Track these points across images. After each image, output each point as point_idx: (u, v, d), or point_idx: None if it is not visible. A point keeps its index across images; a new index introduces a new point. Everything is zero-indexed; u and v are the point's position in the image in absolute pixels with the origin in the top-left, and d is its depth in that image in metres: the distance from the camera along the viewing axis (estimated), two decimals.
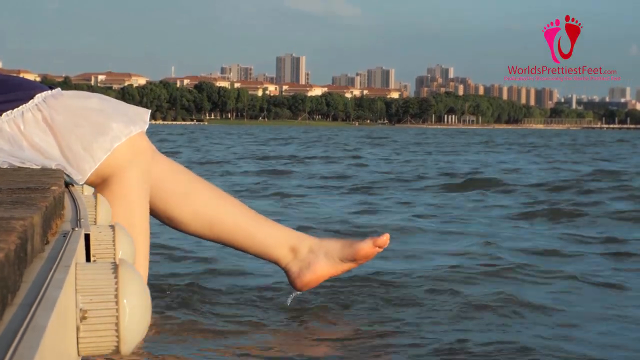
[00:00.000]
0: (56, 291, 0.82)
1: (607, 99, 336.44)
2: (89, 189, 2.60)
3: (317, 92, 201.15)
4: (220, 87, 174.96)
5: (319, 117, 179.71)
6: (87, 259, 1.34)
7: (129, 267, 1.08)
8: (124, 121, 2.34)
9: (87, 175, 2.30)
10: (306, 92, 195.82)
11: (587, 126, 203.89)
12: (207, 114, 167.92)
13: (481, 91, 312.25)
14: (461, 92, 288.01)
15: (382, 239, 2.59)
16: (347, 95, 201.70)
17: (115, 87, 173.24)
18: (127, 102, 2.55)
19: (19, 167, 2.22)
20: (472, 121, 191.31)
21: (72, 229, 1.31)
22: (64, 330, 0.86)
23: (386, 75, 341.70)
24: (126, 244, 1.47)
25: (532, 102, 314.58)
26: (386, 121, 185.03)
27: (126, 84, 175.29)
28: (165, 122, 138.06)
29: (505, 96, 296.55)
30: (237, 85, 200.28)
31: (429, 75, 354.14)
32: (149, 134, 2.47)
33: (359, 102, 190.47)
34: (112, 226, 1.49)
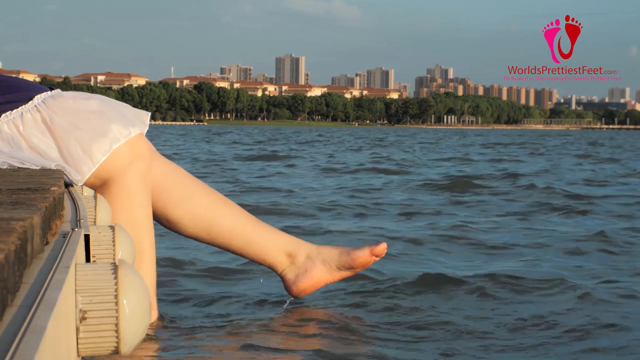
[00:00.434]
0: (56, 292, 0.82)
1: (607, 100, 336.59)
2: (88, 189, 2.60)
3: (316, 92, 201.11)
4: (219, 87, 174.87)
5: (319, 117, 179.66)
6: (87, 260, 1.34)
7: (129, 267, 1.08)
8: (123, 123, 2.34)
9: (86, 176, 2.30)
10: (306, 93, 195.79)
11: (587, 127, 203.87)
12: (206, 115, 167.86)
13: (481, 92, 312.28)
14: (461, 92, 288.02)
15: (379, 248, 2.57)
16: (347, 95, 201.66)
17: (114, 87, 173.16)
18: (127, 102, 2.55)
19: (18, 167, 2.22)
20: (472, 122, 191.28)
21: (72, 229, 1.31)
22: (63, 331, 0.86)
23: (386, 75, 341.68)
24: (126, 244, 1.47)
25: (531, 102, 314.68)
26: (385, 122, 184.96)
27: (126, 84, 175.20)
28: (164, 123, 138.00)
29: (504, 97, 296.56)
30: (236, 85, 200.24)
31: (429, 75, 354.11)
32: (150, 135, 2.48)
33: (358, 102, 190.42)
34: (111, 227, 1.49)
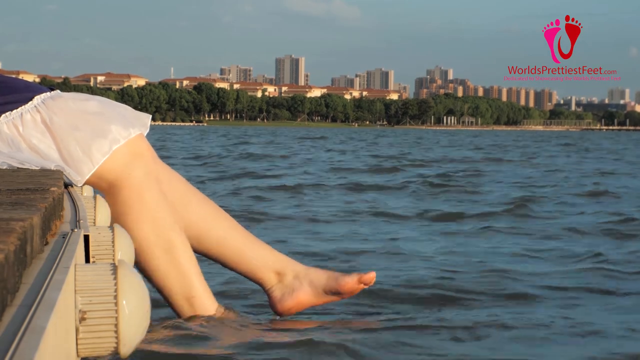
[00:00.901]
0: (55, 292, 0.83)
1: (607, 101, 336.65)
2: (88, 190, 2.60)
3: (316, 93, 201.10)
4: (219, 88, 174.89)
5: (318, 118, 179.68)
6: (87, 260, 1.34)
7: (129, 268, 1.08)
8: (122, 124, 2.34)
9: (86, 177, 2.30)
10: (305, 94, 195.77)
11: (587, 128, 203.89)
12: (206, 115, 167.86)
13: (480, 92, 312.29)
14: (460, 93, 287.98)
15: (368, 276, 2.56)
16: (347, 96, 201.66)
17: (114, 88, 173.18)
18: (126, 103, 2.56)
19: (18, 168, 2.23)
20: (472, 123, 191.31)
21: (72, 230, 1.31)
22: (63, 331, 0.86)
23: (385, 76, 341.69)
24: (125, 245, 1.47)
25: (531, 103, 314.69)
26: (385, 122, 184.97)
27: (125, 85, 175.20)
28: (164, 123, 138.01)
29: (504, 98, 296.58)
30: (236, 86, 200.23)
31: (428, 76, 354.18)
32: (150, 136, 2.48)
33: (358, 103, 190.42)
34: (111, 227, 1.49)
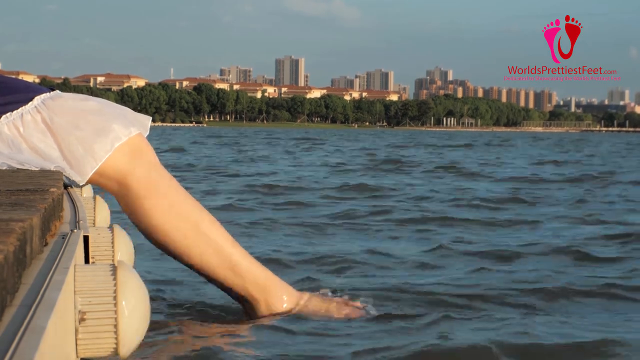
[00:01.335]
0: (55, 293, 0.83)
1: (606, 102, 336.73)
2: (88, 191, 2.60)
3: (316, 94, 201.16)
4: (219, 89, 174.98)
5: (318, 119, 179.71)
6: (86, 261, 1.35)
7: (128, 269, 1.08)
8: (123, 123, 2.35)
9: (88, 176, 2.31)
10: (305, 94, 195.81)
11: (586, 129, 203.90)
12: (205, 116, 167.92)
13: (480, 94, 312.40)
14: (460, 94, 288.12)
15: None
16: (346, 97, 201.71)
17: (114, 88, 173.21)
18: (126, 103, 2.57)
19: (17, 168, 2.23)
20: (471, 124, 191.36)
21: (71, 230, 1.31)
22: (63, 331, 0.86)
23: (385, 77, 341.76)
24: (125, 246, 1.47)
25: (530, 104, 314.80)
26: (385, 123, 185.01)
27: (125, 85, 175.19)
28: (164, 124, 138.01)
29: (504, 99, 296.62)
30: (236, 87, 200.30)
31: (428, 77, 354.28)
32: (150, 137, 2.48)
33: (357, 104, 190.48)
34: (110, 228, 1.49)
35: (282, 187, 8.23)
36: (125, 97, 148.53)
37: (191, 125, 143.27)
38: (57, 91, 2.38)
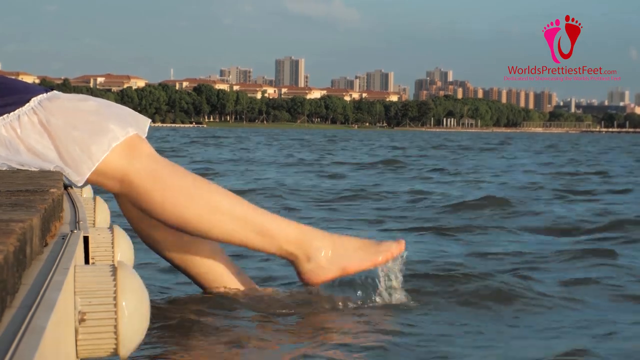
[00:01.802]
0: (55, 293, 0.83)
1: (606, 103, 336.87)
2: (88, 191, 2.60)
3: (316, 95, 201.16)
4: (219, 89, 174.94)
5: (318, 120, 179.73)
6: (86, 262, 1.35)
7: (128, 269, 1.08)
8: (120, 123, 2.35)
9: (86, 176, 2.31)
10: (305, 95, 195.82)
11: (586, 130, 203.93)
12: (205, 117, 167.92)
13: (480, 94, 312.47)
14: (460, 95, 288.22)
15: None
16: (346, 98, 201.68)
17: (114, 89, 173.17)
18: (126, 104, 2.57)
19: (17, 169, 2.23)
20: (471, 124, 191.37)
21: (71, 231, 1.31)
22: (63, 332, 0.86)
23: (385, 78, 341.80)
24: (125, 246, 1.47)
25: (530, 105, 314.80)
26: (385, 124, 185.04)
27: (125, 86, 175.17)
28: (164, 125, 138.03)
29: (504, 99, 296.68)
30: (236, 87, 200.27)
31: (428, 78, 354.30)
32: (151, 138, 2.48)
33: (357, 105, 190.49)
34: (110, 228, 1.49)
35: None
36: (125, 98, 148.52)
37: (191, 126, 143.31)
38: (55, 92, 2.39)
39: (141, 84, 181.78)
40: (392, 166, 13.54)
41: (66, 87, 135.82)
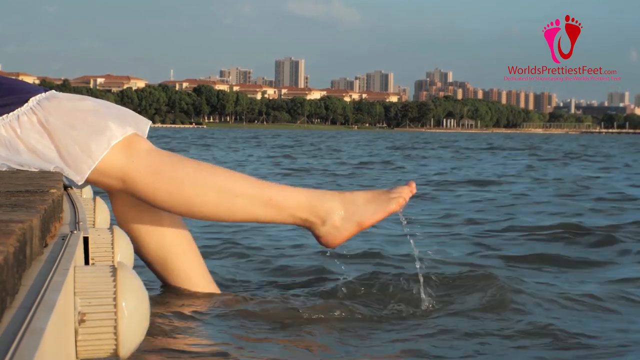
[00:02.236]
0: (55, 294, 0.83)
1: (606, 104, 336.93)
2: (88, 192, 2.60)
3: (316, 95, 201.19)
4: (219, 90, 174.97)
5: (318, 120, 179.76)
6: (86, 262, 1.34)
7: (128, 270, 1.08)
8: (119, 122, 2.36)
9: (86, 175, 2.31)
10: (305, 96, 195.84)
11: (586, 131, 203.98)
12: (205, 117, 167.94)
13: (480, 95, 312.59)
14: (460, 96, 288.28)
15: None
16: (346, 99, 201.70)
17: (114, 90, 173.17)
18: (126, 105, 2.58)
19: (17, 169, 2.23)
20: (471, 125, 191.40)
21: (71, 232, 1.31)
22: (62, 333, 0.86)
23: (385, 79, 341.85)
24: (125, 246, 1.47)
25: (530, 106, 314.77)
26: (385, 125, 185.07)
27: (125, 87, 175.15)
28: (164, 125, 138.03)
29: (504, 100, 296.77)
30: (236, 88, 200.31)
31: (428, 79, 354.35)
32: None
33: (357, 105, 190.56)
34: (110, 229, 1.49)
35: None
36: (125, 99, 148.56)
37: (191, 126, 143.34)
38: (53, 91, 2.39)
39: (141, 84, 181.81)
40: None
41: (66, 87, 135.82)
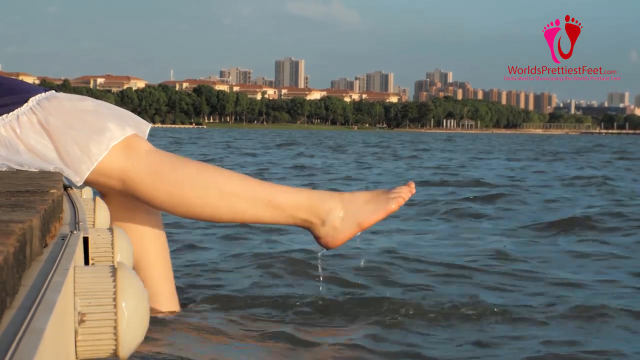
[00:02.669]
0: (55, 294, 0.83)
1: (606, 104, 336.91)
2: (88, 192, 2.60)
3: (316, 96, 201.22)
4: (219, 90, 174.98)
5: (318, 121, 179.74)
6: (86, 262, 1.34)
7: (128, 270, 1.08)
8: (119, 122, 2.35)
9: (85, 176, 2.31)
10: (305, 96, 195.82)
11: (586, 131, 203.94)
12: (205, 118, 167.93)
13: (480, 96, 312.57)
14: (460, 96, 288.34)
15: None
16: (346, 99, 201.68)
17: (114, 90, 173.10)
18: (126, 105, 2.57)
19: (17, 170, 2.23)
20: (471, 126, 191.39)
21: (71, 232, 1.31)
22: (62, 333, 0.86)
23: (385, 79, 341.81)
24: (125, 247, 1.47)
25: (530, 106, 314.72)
26: (385, 125, 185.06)
27: (125, 87, 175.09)
28: (164, 126, 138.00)
29: (504, 101, 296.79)
30: (236, 88, 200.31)
31: (428, 79, 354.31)
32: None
33: (357, 106, 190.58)
34: (110, 229, 1.49)
35: None
36: (125, 99, 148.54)
37: (191, 126, 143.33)
38: (53, 91, 2.39)
39: (141, 84, 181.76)
40: None
41: (66, 88, 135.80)
